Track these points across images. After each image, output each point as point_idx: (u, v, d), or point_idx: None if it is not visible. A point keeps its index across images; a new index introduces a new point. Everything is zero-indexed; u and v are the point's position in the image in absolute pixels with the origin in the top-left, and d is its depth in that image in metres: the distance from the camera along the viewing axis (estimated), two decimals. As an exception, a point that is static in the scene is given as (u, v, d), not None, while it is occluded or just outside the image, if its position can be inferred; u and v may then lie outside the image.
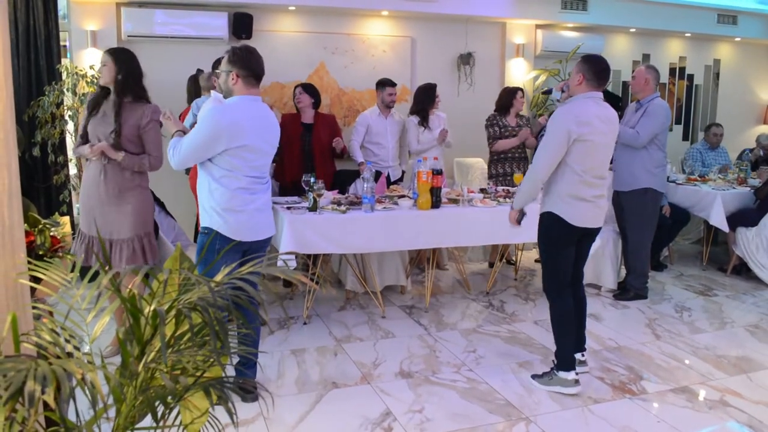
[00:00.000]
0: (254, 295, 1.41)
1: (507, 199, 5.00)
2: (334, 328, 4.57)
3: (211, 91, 3.37)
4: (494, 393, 3.62)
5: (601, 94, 3.59)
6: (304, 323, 4.63)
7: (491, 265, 6.29)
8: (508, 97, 5.99)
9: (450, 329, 4.60)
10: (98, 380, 1.28)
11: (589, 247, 3.85)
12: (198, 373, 1.53)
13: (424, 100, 5.89)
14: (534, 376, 3.79)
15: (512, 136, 5.91)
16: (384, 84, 5.84)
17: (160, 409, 1.63)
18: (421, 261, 5.59)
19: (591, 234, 3.72)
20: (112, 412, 1.55)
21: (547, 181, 3.60)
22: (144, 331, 1.46)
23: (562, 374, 3.65)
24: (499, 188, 5.49)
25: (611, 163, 5.37)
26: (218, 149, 3.09)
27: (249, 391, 3.44)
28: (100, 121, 3.70)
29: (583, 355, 3.88)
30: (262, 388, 3.29)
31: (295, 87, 5.67)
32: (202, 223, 3.23)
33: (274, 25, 6.54)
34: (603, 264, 5.52)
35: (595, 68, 3.54)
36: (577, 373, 3.66)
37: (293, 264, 4.25)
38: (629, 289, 5.39)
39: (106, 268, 1.47)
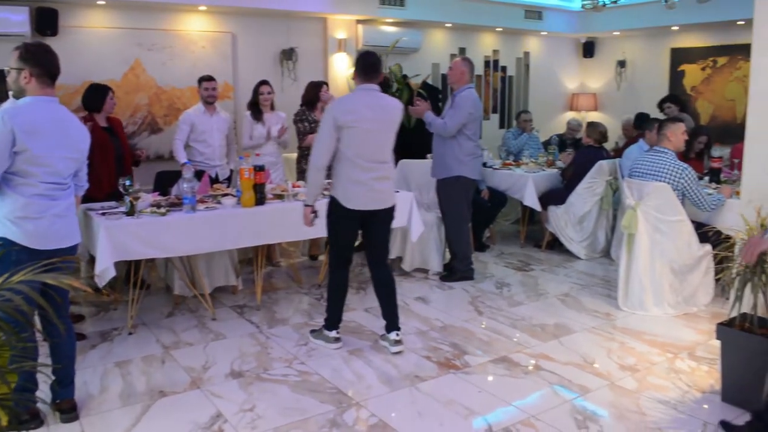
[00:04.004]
0: (41, 305, 1.32)
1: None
2: (161, 335, 4.40)
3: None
4: (325, 383, 3.66)
5: (375, 86, 3.95)
6: (130, 333, 4.40)
7: (312, 257, 6.34)
8: (313, 91, 6.05)
9: (282, 325, 4.58)
10: None
11: (383, 230, 4.10)
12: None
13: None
14: (312, 332, 4.30)
15: None
16: (201, 80, 5.78)
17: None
18: (255, 258, 5.51)
19: (377, 216, 3.97)
20: None
21: (333, 169, 3.92)
22: None
23: (326, 332, 4.17)
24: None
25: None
26: (11, 156, 2.84)
27: (69, 410, 3.23)
28: None
29: (397, 335, 4.07)
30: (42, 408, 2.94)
31: (109, 88, 5.13)
32: None
33: (82, 21, 6.15)
34: (428, 248, 5.74)
35: (362, 63, 3.95)
36: (338, 332, 4.18)
37: (112, 273, 4.01)
38: (455, 271, 5.65)
39: None
